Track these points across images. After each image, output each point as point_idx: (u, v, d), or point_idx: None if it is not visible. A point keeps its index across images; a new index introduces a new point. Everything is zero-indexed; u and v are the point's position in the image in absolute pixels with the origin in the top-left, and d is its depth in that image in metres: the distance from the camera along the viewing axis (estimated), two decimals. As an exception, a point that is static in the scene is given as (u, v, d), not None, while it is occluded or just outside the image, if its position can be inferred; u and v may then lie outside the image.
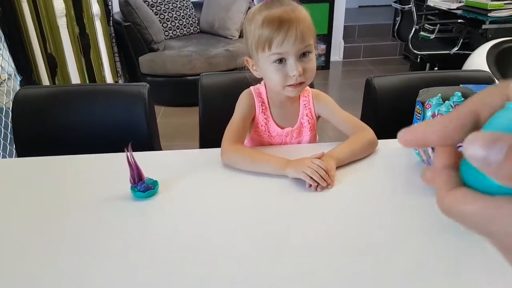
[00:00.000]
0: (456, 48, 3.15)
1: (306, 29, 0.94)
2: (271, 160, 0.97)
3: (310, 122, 1.13)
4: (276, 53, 0.95)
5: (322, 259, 0.71)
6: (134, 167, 0.86)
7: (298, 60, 0.97)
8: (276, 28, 0.93)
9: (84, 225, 0.82)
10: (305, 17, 0.96)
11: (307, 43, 0.95)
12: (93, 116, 1.31)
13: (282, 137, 1.13)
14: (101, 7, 3.15)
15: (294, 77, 0.97)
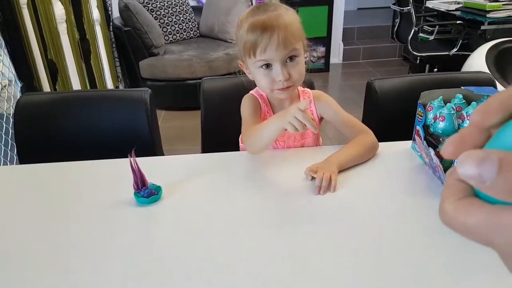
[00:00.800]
0: (455, 49, 3.16)
1: (289, 35, 0.95)
2: (269, 123, 0.96)
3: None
4: (260, 59, 0.97)
5: (326, 263, 0.71)
6: (137, 173, 0.86)
7: (284, 65, 0.98)
8: (259, 35, 0.94)
9: (88, 231, 0.82)
10: (290, 23, 0.96)
11: (291, 48, 0.96)
12: (96, 122, 1.31)
13: (285, 138, 1.13)
14: (101, 13, 3.16)
15: (281, 82, 0.98)
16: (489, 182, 0.19)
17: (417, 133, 1.00)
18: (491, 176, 0.19)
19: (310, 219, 0.84)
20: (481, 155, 0.19)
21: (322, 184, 0.90)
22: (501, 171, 0.19)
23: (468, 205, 0.21)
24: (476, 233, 0.21)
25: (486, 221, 0.20)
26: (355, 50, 4.59)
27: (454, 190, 0.23)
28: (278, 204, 0.89)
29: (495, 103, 0.22)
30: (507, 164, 0.19)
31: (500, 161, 0.19)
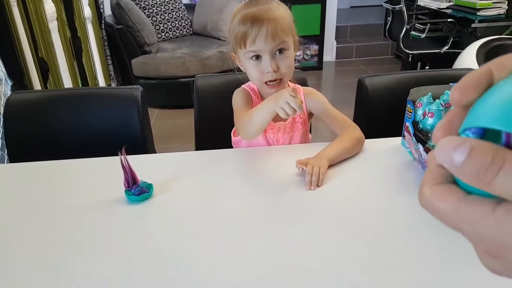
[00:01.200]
0: (446, 47, 3.18)
1: (278, 28, 0.98)
2: (261, 106, 0.98)
3: (301, 117, 1.16)
4: (250, 50, 1.00)
5: (316, 258, 0.72)
6: (128, 171, 0.86)
7: (273, 57, 1.01)
8: (249, 27, 0.98)
9: (78, 230, 0.82)
10: (280, 16, 1.00)
11: (279, 40, 0.99)
12: (87, 120, 1.31)
13: (275, 131, 1.14)
14: (92, 10, 3.14)
15: (269, 74, 1.01)
16: (459, 165, 0.20)
17: (407, 129, 1.01)
18: (461, 159, 0.20)
19: (301, 216, 0.84)
20: (456, 141, 0.21)
21: (312, 180, 0.92)
22: (470, 156, 0.20)
23: (443, 191, 0.22)
24: (448, 219, 0.22)
25: (456, 209, 0.21)
26: (348, 48, 4.60)
27: (433, 175, 0.23)
28: (269, 201, 0.89)
29: (472, 80, 0.23)
30: (477, 151, 0.20)
31: (471, 147, 0.20)
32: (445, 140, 0.21)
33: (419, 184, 0.24)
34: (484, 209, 0.20)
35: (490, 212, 0.20)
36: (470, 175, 0.20)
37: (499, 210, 0.20)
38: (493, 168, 0.19)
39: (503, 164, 0.19)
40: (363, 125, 1.16)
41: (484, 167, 0.19)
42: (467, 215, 0.21)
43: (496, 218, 0.20)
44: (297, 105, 0.87)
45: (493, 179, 0.19)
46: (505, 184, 0.19)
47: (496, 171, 0.19)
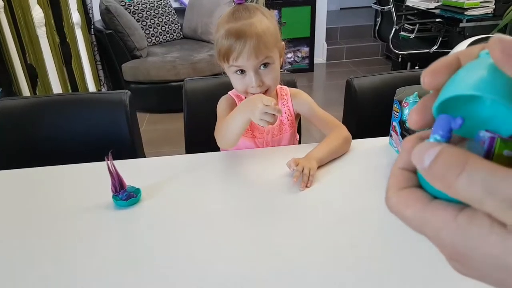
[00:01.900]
0: (435, 47, 3.20)
1: (262, 45, 0.96)
2: (236, 116, 0.97)
3: (289, 119, 1.16)
4: (233, 65, 1.00)
5: (305, 258, 0.72)
6: (115, 176, 0.86)
7: (257, 73, 1.00)
8: (232, 43, 0.96)
9: (65, 236, 0.81)
10: (264, 31, 0.97)
11: (263, 56, 0.98)
12: (75, 125, 1.30)
13: (264, 135, 1.14)
14: (81, 16, 3.13)
15: (254, 88, 1.01)
16: (427, 166, 0.21)
17: (394, 129, 1.01)
18: (429, 161, 0.21)
19: (291, 217, 0.84)
20: (429, 145, 0.21)
21: (302, 180, 0.92)
22: (436, 158, 0.20)
23: (408, 196, 0.23)
24: (413, 224, 0.22)
25: (420, 214, 0.22)
26: (339, 50, 4.62)
27: (397, 179, 0.24)
28: (258, 203, 0.89)
29: (441, 64, 0.23)
30: (443, 153, 0.20)
31: (440, 150, 0.21)
32: (420, 144, 0.22)
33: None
34: (447, 215, 0.20)
35: (453, 218, 0.20)
36: (435, 177, 0.21)
37: (461, 217, 0.20)
38: (454, 170, 0.20)
39: (464, 167, 0.19)
40: (352, 126, 1.17)
41: (446, 169, 0.20)
42: (431, 221, 0.21)
43: (458, 225, 0.20)
44: (275, 110, 0.87)
45: (454, 182, 0.20)
46: (465, 187, 0.19)
47: (457, 174, 0.19)
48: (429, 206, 0.21)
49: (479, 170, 0.19)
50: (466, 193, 0.20)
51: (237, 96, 1.15)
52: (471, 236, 0.20)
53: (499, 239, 0.19)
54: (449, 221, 0.20)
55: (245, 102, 0.96)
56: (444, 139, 0.22)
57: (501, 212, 0.19)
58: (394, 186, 0.24)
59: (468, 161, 0.20)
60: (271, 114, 0.87)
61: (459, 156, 0.20)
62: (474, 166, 0.19)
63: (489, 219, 0.19)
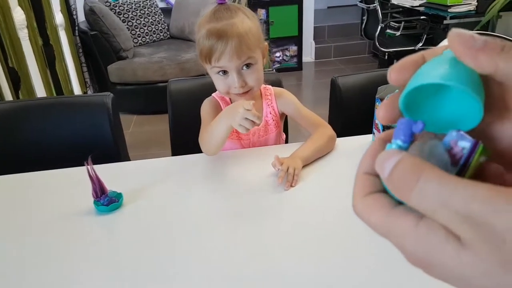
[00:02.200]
0: (420, 44, 3.22)
1: (243, 45, 0.95)
2: (218, 123, 0.96)
3: (274, 119, 1.16)
4: (216, 66, 0.98)
5: (292, 257, 0.71)
6: (95, 180, 0.84)
7: (239, 73, 0.99)
8: (213, 43, 0.95)
9: (46, 242, 0.80)
10: (245, 31, 0.96)
11: (245, 57, 0.97)
12: (57, 129, 1.28)
13: (250, 136, 1.14)
14: (65, 17, 3.08)
15: (236, 89, 1.00)
16: (386, 176, 0.21)
17: (376, 126, 1.01)
18: (387, 171, 0.21)
19: (276, 216, 0.84)
20: (390, 153, 0.21)
21: (286, 179, 0.92)
22: (394, 169, 0.20)
23: (372, 203, 0.23)
24: (378, 231, 0.22)
25: (384, 222, 0.22)
26: (327, 48, 4.63)
27: (362, 184, 0.24)
28: (243, 204, 0.89)
29: (407, 61, 0.24)
30: (401, 163, 0.20)
31: (399, 159, 0.21)
32: (382, 153, 0.22)
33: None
34: (408, 224, 0.20)
35: (413, 227, 0.20)
36: (393, 187, 0.21)
37: (421, 225, 0.20)
38: (409, 181, 0.20)
39: (418, 178, 0.19)
40: (337, 124, 1.16)
41: (402, 180, 0.20)
42: (393, 229, 0.21)
43: (418, 234, 0.20)
44: (255, 116, 0.86)
45: (409, 193, 0.20)
46: (419, 199, 0.19)
47: (412, 186, 0.19)
48: (391, 214, 0.21)
49: (432, 182, 0.19)
50: (420, 205, 0.19)
51: (221, 98, 1.14)
52: (430, 246, 0.19)
53: (455, 252, 0.19)
54: (410, 230, 0.20)
55: (227, 109, 0.95)
56: (406, 144, 0.22)
57: (454, 225, 0.18)
58: (359, 192, 0.24)
59: (423, 172, 0.19)
60: (250, 120, 0.86)
61: (414, 167, 0.20)
62: (428, 177, 0.19)
63: (445, 230, 0.19)
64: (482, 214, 0.18)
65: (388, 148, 0.23)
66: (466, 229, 0.18)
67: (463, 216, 0.18)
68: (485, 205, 0.18)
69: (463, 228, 0.18)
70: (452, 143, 0.22)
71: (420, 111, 0.24)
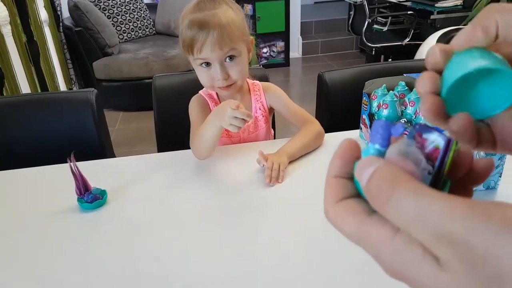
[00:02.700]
0: (407, 39, 3.24)
1: (226, 36, 0.94)
2: (208, 125, 0.94)
3: (263, 115, 1.15)
4: (198, 58, 0.97)
5: (278, 253, 0.71)
6: (78, 177, 0.83)
7: (222, 65, 0.98)
8: (195, 34, 0.93)
9: (29, 240, 0.78)
10: (228, 22, 0.94)
11: (228, 48, 0.96)
12: (40, 126, 1.25)
13: (240, 133, 1.13)
14: (49, 13, 3.03)
15: (220, 81, 0.98)
16: (364, 184, 0.20)
17: (363, 121, 1.01)
18: (364, 180, 0.20)
19: (262, 212, 0.83)
20: (367, 161, 0.21)
21: (272, 175, 0.91)
22: (371, 178, 0.20)
23: (345, 210, 0.22)
24: (351, 239, 0.22)
25: (357, 231, 0.21)
26: (314, 44, 4.63)
27: (334, 190, 0.23)
28: (229, 200, 0.88)
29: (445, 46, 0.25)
30: (377, 175, 0.20)
31: (375, 169, 0.20)
32: (362, 159, 0.22)
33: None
34: (384, 235, 0.19)
35: (390, 239, 0.19)
36: (370, 196, 0.20)
37: (398, 238, 0.19)
38: (384, 193, 0.19)
39: (393, 190, 0.19)
40: (324, 120, 1.16)
41: (378, 191, 0.19)
42: (368, 238, 0.20)
43: (394, 247, 0.19)
44: (244, 114, 0.85)
45: (384, 206, 0.19)
46: (394, 213, 0.19)
47: (387, 198, 0.19)
48: (366, 223, 0.20)
49: (408, 195, 0.18)
50: (395, 219, 0.19)
51: (208, 95, 1.12)
52: (407, 260, 0.19)
53: (431, 271, 0.18)
54: (386, 241, 0.19)
55: (215, 110, 0.93)
56: (384, 148, 0.22)
57: (430, 243, 0.18)
58: (331, 198, 0.23)
59: (399, 184, 0.19)
60: (240, 119, 0.85)
61: (390, 177, 0.19)
62: (403, 190, 0.19)
63: (421, 246, 0.18)
64: (459, 233, 0.17)
65: (365, 152, 0.22)
66: (443, 248, 0.17)
67: (439, 234, 0.17)
68: (460, 222, 0.17)
69: (440, 246, 0.17)
70: (416, 136, 0.22)
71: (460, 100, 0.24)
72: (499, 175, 0.81)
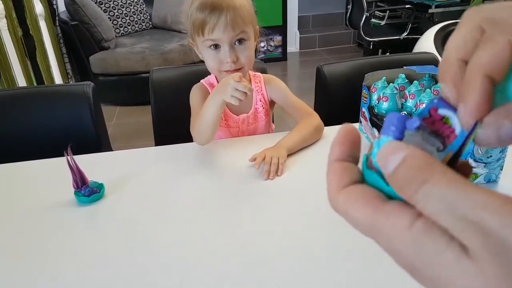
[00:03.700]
0: (405, 33, 3.23)
1: (238, 17, 0.94)
2: (208, 102, 0.94)
3: (264, 107, 1.14)
4: (208, 39, 0.96)
5: (277, 247, 0.70)
6: (76, 171, 0.82)
7: (232, 48, 0.97)
8: (208, 14, 0.93)
9: (27, 234, 0.77)
10: (240, 5, 0.95)
11: (239, 30, 0.96)
12: (37, 120, 1.24)
13: (239, 124, 1.12)
14: (45, 7, 3.00)
15: (228, 64, 0.98)
16: (391, 172, 0.19)
17: (363, 114, 1.01)
18: (393, 166, 0.19)
19: (261, 206, 0.83)
20: (394, 147, 0.20)
21: (271, 169, 0.90)
22: (400, 165, 0.19)
23: (355, 197, 0.21)
24: (363, 229, 0.20)
25: (372, 220, 0.20)
26: (311, 38, 4.61)
27: (339, 175, 0.22)
28: (228, 194, 0.87)
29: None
30: (407, 163, 0.19)
31: (405, 156, 0.19)
32: (386, 144, 0.20)
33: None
34: (401, 224, 0.18)
35: (407, 228, 0.18)
36: (397, 185, 0.19)
37: (416, 227, 0.18)
38: (416, 182, 0.18)
39: (427, 180, 0.18)
40: (323, 113, 1.15)
41: (410, 179, 0.18)
42: (383, 228, 0.19)
43: (413, 237, 0.18)
44: (246, 87, 0.84)
45: (414, 195, 0.18)
46: (425, 200, 0.18)
47: (419, 186, 0.18)
48: (381, 211, 0.19)
49: (441, 185, 0.18)
50: (425, 207, 0.18)
51: (209, 84, 1.11)
52: (426, 250, 0.18)
53: (455, 260, 0.17)
54: (403, 231, 0.18)
55: (217, 87, 0.93)
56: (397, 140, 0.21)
57: (459, 230, 0.17)
58: (337, 185, 0.21)
59: (433, 175, 0.18)
60: (241, 91, 0.85)
61: (423, 167, 0.18)
62: (437, 181, 0.18)
63: (446, 234, 0.17)
64: (494, 225, 0.16)
65: (377, 144, 0.21)
66: (472, 236, 0.16)
67: (472, 222, 0.16)
68: (498, 216, 0.16)
69: (470, 234, 0.17)
70: (432, 111, 0.22)
71: None
72: (500, 168, 0.81)
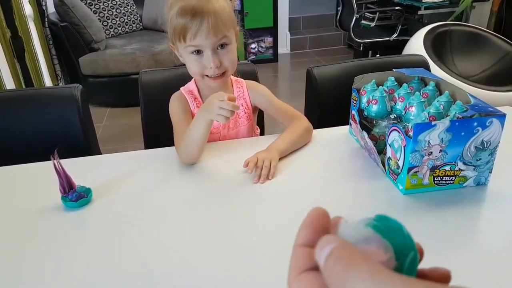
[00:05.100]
0: (395, 35, 3.26)
1: (220, 22, 0.93)
2: (196, 121, 0.93)
3: (246, 112, 1.13)
4: (190, 45, 0.95)
5: (268, 251, 0.70)
6: (62, 175, 0.81)
7: (215, 52, 0.96)
8: (189, 20, 0.91)
9: (12, 239, 0.76)
10: (221, 9, 0.94)
11: (221, 35, 0.95)
12: (24, 123, 1.22)
13: (220, 129, 1.11)
14: (34, 8, 2.97)
15: (212, 69, 0.97)
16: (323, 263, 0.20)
17: (353, 117, 1.01)
18: (323, 259, 0.20)
19: (251, 209, 0.82)
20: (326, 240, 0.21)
21: (262, 173, 0.90)
22: (328, 258, 0.20)
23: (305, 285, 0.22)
24: None
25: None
26: (302, 40, 4.62)
27: (298, 260, 0.23)
28: (219, 197, 0.87)
29: None
30: (334, 254, 0.20)
31: (333, 248, 0.20)
32: (322, 238, 0.22)
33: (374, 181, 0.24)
34: None
35: None
36: (327, 277, 0.20)
37: None
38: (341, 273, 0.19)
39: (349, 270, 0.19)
40: (313, 115, 1.15)
41: (335, 270, 0.19)
42: None
43: None
44: (231, 105, 0.84)
45: (342, 285, 0.19)
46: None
47: (344, 277, 0.19)
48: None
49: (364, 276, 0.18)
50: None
51: (189, 92, 1.10)
52: None
53: None
54: None
55: (202, 107, 0.92)
56: None
57: None
58: (295, 269, 0.23)
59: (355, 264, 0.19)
60: (228, 109, 0.84)
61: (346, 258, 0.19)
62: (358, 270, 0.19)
63: None
64: None
65: None
66: None
67: None
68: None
69: None
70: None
71: None
72: (489, 171, 0.81)
